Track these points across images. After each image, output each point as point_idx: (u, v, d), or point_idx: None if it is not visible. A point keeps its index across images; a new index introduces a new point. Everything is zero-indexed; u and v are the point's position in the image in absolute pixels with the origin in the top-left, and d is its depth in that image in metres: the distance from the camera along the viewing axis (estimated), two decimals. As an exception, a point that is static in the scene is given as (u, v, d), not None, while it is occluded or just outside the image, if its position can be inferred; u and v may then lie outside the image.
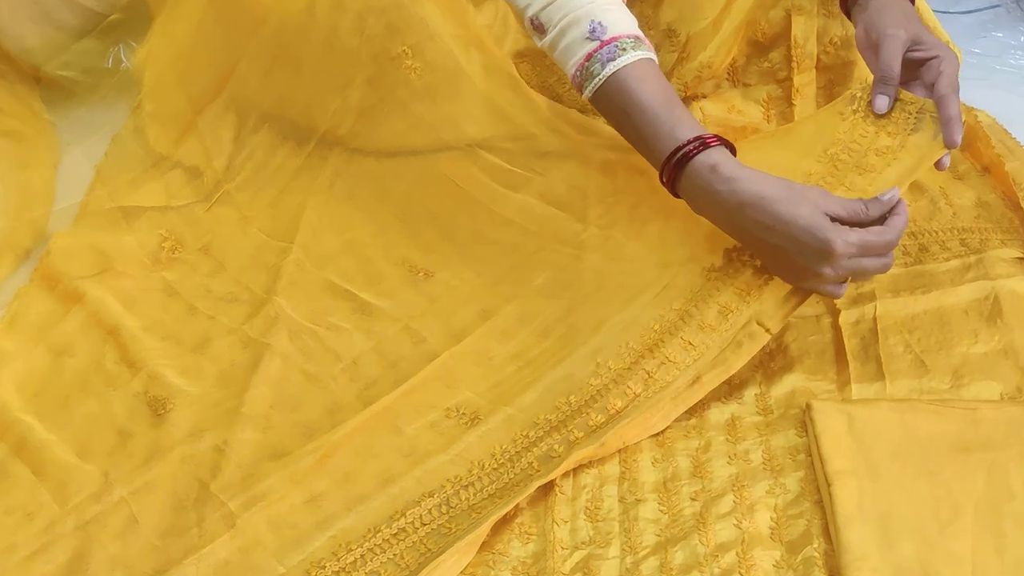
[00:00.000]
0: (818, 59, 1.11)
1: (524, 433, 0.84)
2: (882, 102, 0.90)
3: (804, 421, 0.86)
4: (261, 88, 1.08)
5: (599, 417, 0.83)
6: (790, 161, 0.91)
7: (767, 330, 0.86)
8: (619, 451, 0.85)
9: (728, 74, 1.13)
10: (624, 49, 0.89)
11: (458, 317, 0.97)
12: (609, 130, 1.00)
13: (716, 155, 0.83)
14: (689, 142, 0.84)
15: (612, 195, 1.00)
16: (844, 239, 0.79)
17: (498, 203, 1.04)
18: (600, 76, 0.89)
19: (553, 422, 0.84)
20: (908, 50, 0.90)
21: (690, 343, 0.85)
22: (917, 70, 0.90)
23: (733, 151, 0.86)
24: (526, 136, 1.04)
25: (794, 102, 1.12)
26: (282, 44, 1.06)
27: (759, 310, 0.86)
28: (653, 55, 0.91)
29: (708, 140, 0.84)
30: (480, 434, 0.85)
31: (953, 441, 0.82)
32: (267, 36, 1.07)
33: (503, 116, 1.06)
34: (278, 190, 1.09)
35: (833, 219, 0.80)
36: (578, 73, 0.91)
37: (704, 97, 1.13)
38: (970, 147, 1.19)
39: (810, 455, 0.82)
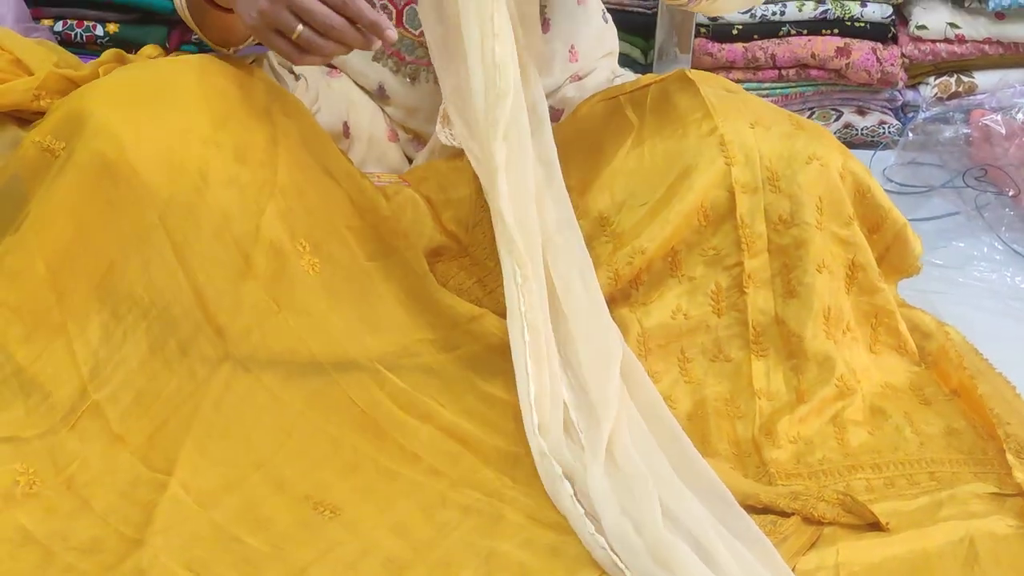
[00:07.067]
0: (769, 240, 1.19)
1: None
2: None
3: None
4: (142, 280, 1.10)
5: None
6: None
7: None
8: None
9: (670, 268, 1.20)
10: None
11: (360, 569, 0.97)
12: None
13: None
14: None
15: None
16: None
17: (404, 434, 1.10)
18: None
19: None
20: None
21: None
22: None
23: None
24: (428, 352, 1.13)
25: (746, 290, 1.19)
26: (168, 229, 1.09)
27: None
28: None
29: None
30: None
31: None
32: (151, 219, 1.09)
33: (410, 325, 1.14)
34: (155, 407, 1.10)
35: None
36: None
37: (643, 305, 1.21)
38: (937, 367, 1.27)
39: None
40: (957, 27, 1.89)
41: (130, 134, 1.09)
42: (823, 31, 1.89)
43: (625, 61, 1.71)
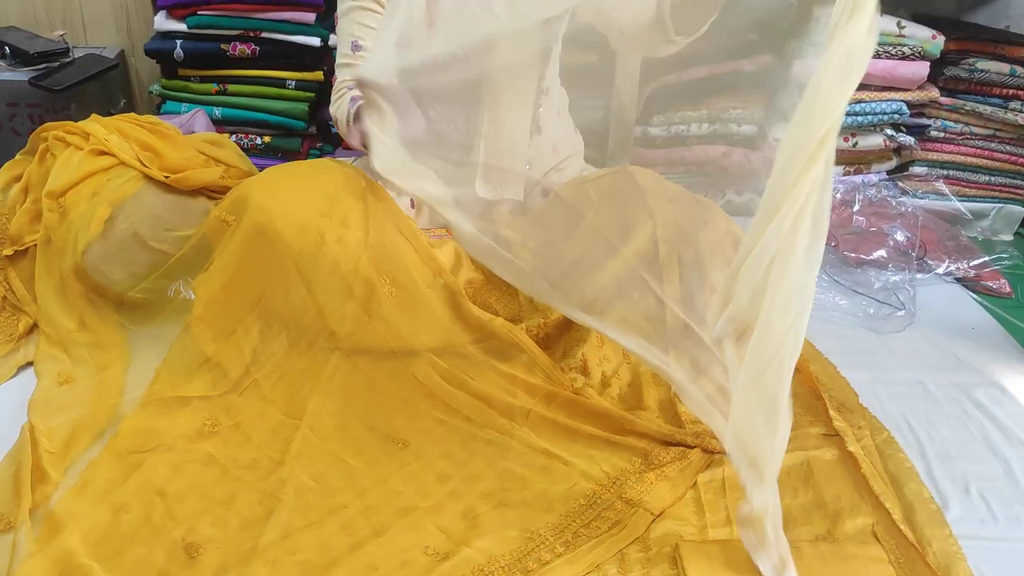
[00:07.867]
0: (679, 273, 1.10)
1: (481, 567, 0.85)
2: None
3: (674, 556, 0.87)
4: (284, 302, 1.08)
5: (547, 555, 0.88)
6: None
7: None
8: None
9: (617, 292, 1.10)
10: None
11: (421, 480, 0.98)
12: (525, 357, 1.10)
13: None
14: None
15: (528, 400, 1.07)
16: None
17: (448, 396, 1.07)
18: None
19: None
20: None
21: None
22: None
23: None
24: (464, 345, 1.10)
25: (665, 304, 1.09)
26: (300, 270, 1.07)
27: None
28: None
29: None
30: (448, 568, 0.85)
31: (785, 572, 0.82)
32: (289, 264, 1.06)
33: (452, 328, 1.10)
34: (292, 381, 1.08)
35: None
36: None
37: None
38: (786, 354, 1.24)
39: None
40: (799, 139, 1.87)
41: (276, 211, 1.08)
42: (714, 142, 1.87)
43: (588, 159, 1.65)
